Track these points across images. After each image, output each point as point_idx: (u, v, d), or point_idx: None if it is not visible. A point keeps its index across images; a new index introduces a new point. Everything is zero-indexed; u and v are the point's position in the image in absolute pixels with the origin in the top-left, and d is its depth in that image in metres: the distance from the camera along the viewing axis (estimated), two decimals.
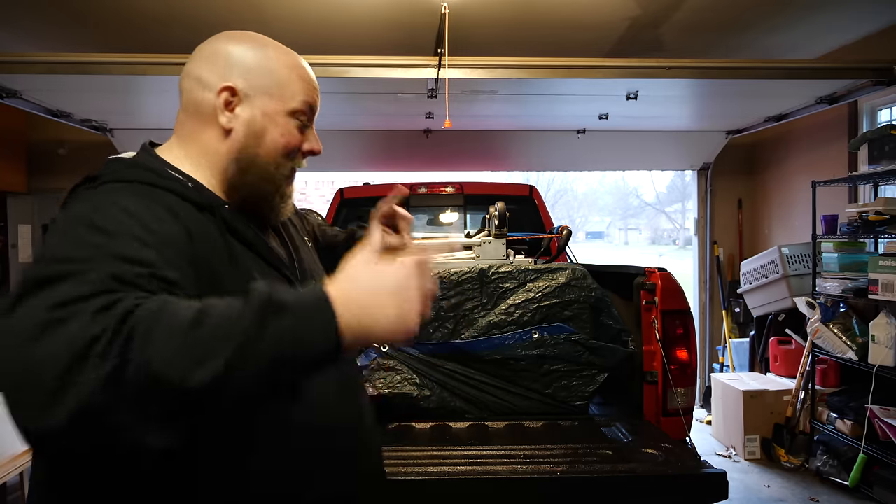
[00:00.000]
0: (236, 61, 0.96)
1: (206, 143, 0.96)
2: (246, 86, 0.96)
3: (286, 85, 0.98)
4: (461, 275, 2.39)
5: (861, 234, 3.63)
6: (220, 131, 0.96)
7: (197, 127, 0.97)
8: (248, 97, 0.96)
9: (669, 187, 26.16)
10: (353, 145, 5.15)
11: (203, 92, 0.96)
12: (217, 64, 0.96)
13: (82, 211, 0.84)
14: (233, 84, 0.95)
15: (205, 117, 0.96)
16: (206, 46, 0.99)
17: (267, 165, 0.98)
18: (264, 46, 0.99)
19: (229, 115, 0.95)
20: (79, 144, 5.23)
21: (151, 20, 3.77)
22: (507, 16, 3.72)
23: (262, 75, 0.97)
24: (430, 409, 2.25)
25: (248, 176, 0.97)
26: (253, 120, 0.96)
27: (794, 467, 3.98)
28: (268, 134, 0.97)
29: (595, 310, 2.37)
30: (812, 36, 4.14)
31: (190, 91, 0.97)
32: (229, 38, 0.99)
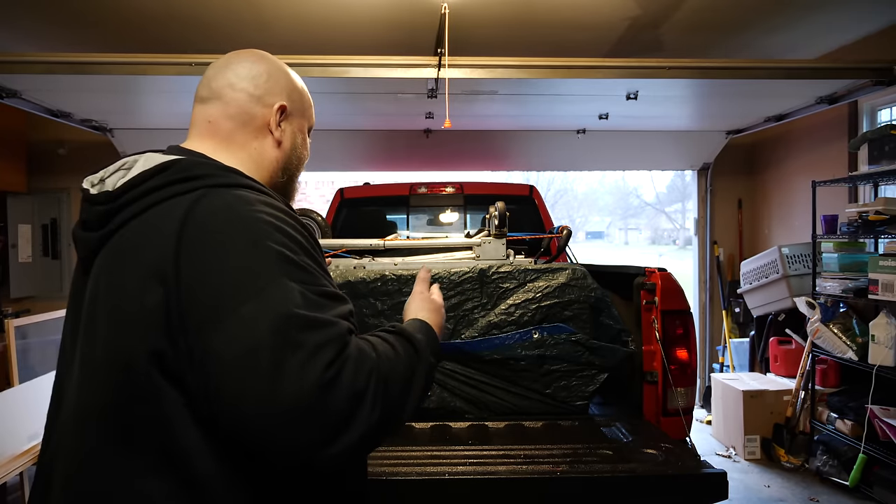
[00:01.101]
0: (284, 84, 1.10)
1: (260, 150, 1.07)
2: (291, 106, 1.10)
3: (309, 107, 1.17)
4: (461, 275, 2.39)
5: (861, 234, 3.63)
6: (273, 141, 1.08)
7: (248, 136, 1.07)
8: (291, 115, 1.11)
9: (669, 187, 26.17)
10: (353, 145, 5.15)
11: (258, 106, 1.06)
12: (270, 83, 1.08)
13: (271, 236, 0.89)
14: (285, 103, 1.09)
15: (257, 128, 1.07)
16: (247, 64, 1.08)
17: (298, 171, 1.16)
18: (289, 69, 1.14)
19: (279, 130, 1.09)
20: (79, 144, 5.23)
21: (150, 20, 3.77)
22: (507, 16, 3.72)
23: (299, 98, 1.13)
24: (429, 409, 2.25)
25: (291, 181, 1.15)
26: (294, 135, 1.12)
27: (794, 467, 3.98)
28: (301, 146, 1.15)
29: (595, 310, 2.37)
30: (812, 36, 4.14)
31: (240, 102, 1.06)
32: (267, 59, 1.11)
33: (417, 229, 4.57)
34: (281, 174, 1.11)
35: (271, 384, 0.77)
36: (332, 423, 0.79)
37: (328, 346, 0.81)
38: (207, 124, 1.07)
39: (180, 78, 3.36)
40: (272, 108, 1.07)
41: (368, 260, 2.67)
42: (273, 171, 1.09)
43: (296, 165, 1.14)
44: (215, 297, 0.82)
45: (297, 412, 0.77)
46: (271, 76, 1.09)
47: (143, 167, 0.98)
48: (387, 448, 1.95)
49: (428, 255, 2.86)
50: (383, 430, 0.85)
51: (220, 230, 0.86)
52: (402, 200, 4.51)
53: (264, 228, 0.87)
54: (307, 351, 0.79)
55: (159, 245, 0.86)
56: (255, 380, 0.77)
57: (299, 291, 0.84)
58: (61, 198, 5.30)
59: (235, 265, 0.84)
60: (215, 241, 0.85)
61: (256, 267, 0.84)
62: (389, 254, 2.91)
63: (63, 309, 1.03)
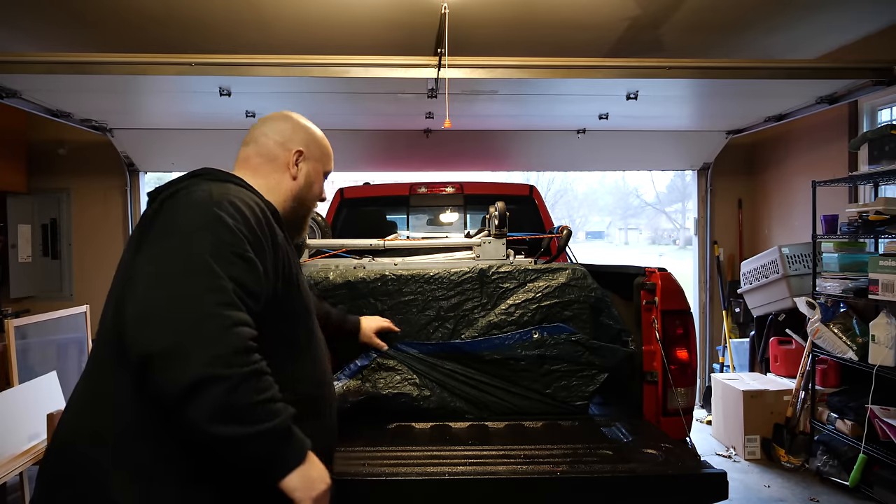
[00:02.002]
0: (304, 137, 1.53)
1: (278, 181, 1.48)
2: (307, 151, 1.52)
3: (326, 155, 1.59)
4: (461, 275, 2.39)
5: (861, 234, 3.62)
6: (289, 176, 1.49)
7: (271, 170, 1.48)
8: (307, 158, 1.52)
9: (669, 187, 26.16)
10: (353, 145, 5.15)
11: (280, 149, 1.49)
12: (291, 133, 1.51)
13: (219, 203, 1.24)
14: (301, 148, 1.50)
15: (278, 165, 1.49)
16: (280, 120, 1.52)
17: (309, 204, 1.56)
18: (314, 129, 1.57)
19: (295, 168, 1.50)
20: (79, 144, 5.23)
21: (150, 20, 3.77)
22: (507, 16, 3.72)
23: (317, 148, 1.55)
24: (430, 409, 2.25)
25: (299, 210, 1.53)
26: (308, 174, 1.52)
27: (794, 467, 3.98)
28: (314, 185, 1.55)
29: (595, 310, 2.36)
30: (812, 36, 4.14)
31: (269, 146, 1.49)
32: (297, 118, 1.55)
33: (417, 229, 4.57)
34: (292, 201, 1.49)
35: (160, 301, 1.10)
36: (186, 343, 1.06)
37: (219, 294, 1.12)
38: (244, 159, 1.49)
39: (180, 78, 3.36)
40: (291, 151, 1.49)
41: (368, 260, 2.67)
42: (286, 198, 1.49)
43: (305, 195, 1.52)
44: (154, 234, 1.19)
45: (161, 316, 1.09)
46: (294, 130, 1.52)
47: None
48: (387, 448, 1.95)
49: (428, 255, 2.86)
50: (209, 396, 1.06)
51: (184, 199, 1.23)
52: (401, 200, 4.51)
53: (223, 204, 1.21)
54: (202, 287, 1.11)
55: (155, 202, 1.27)
56: (140, 290, 1.12)
57: (212, 243, 1.15)
58: (61, 198, 5.30)
59: (182, 211, 1.21)
60: (177, 205, 1.23)
61: (194, 220, 1.18)
62: (389, 254, 2.91)
63: (63, 309, 1.17)
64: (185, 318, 1.08)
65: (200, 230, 1.16)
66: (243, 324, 1.13)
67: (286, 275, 1.32)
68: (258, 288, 1.20)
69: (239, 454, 1.10)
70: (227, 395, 1.06)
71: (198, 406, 1.06)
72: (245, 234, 1.21)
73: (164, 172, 5.70)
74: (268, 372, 1.15)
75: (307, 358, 1.39)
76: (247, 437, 1.08)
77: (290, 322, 1.34)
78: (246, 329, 1.13)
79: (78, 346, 3.70)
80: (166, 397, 1.07)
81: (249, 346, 1.12)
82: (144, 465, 1.15)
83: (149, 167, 5.29)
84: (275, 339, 1.28)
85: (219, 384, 1.06)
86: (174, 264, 1.13)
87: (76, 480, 1.16)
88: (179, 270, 1.12)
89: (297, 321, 1.37)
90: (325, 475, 1.21)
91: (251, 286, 1.18)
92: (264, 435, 1.09)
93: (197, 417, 1.06)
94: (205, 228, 1.17)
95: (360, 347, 2.26)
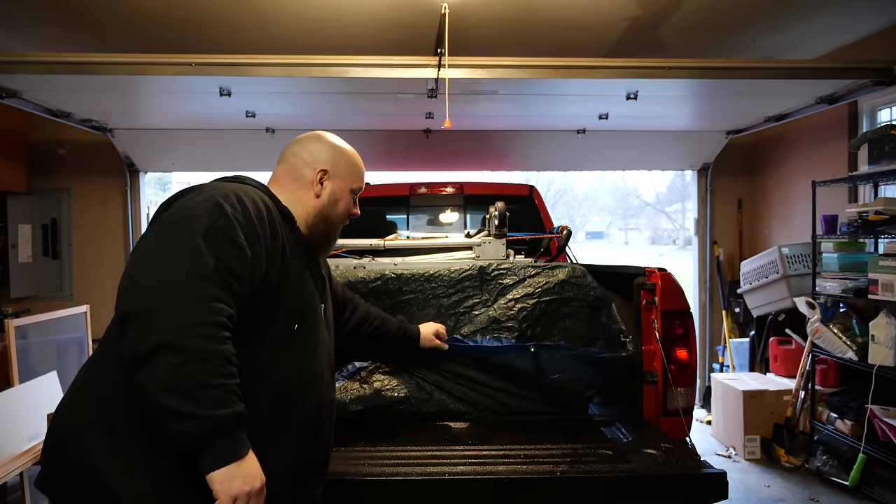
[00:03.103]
0: (330, 156, 1.56)
1: (301, 197, 1.53)
2: (332, 170, 1.55)
3: (354, 174, 1.60)
4: (461, 272, 2.39)
5: (861, 234, 3.62)
6: (313, 194, 1.53)
7: (296, 186, 1.53)
8: (332, 177, 1.55)
9: (669, 187, 26.15)
10: (353, 145, 5.08)
11: (306, 168, 1.54)
12: (316, 153, 1.56)
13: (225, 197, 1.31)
14: (326, 167, 1.54)
15: (304, 183, 1.53)
16: (308, 140, 1.58)
17: (334, 220, 1.57)
18: (344, 147, 1.60)
19: (319, 186, 1.53)
20: (79, 144, 5.22)
21: (150, 20, 3.77)
22: (507, 16, 3.72)
23: (342, 166, 1.57)
24: (429, 411, 2.25)
25: (323, 225, 1.55)
26: (333, 192, 1.55)
27: (794, 467, 3.98)
28: (340, 202, 1.57)
29: (594, 308, 2.36)
30: (812, 36, 4.14)
31: (296, 165, 1.54)
32: (324, 139, 1.59)
33: (417, 229, 4.57)
34: (315, 216, 1.53)
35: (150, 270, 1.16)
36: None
37: (200, 268, 1.16)
38: (275, 177, 1.56)
39: (180, 78, 3.36)
40: (316, 170, 1.53)
41: (368, 260, 2.67)
42: (309, 213, 1.52)
43: (330, 213, 1.55)
44: (160, 219, 1.27)
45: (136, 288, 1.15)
46: (321, 150, 1.56)
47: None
48: (387, 448, 1.96)
49: (428, 255, 2.86)
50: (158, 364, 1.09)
51: (197, 191, 1.32)
52: (402, 200, 4.51)
53: (228, 196, 1.28)
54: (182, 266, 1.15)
55: (164, 202, 1.36)
56: (132, 260, 1.20)
57: (206, 226, 1.20)
58: (61, 198, 5.30)
59: (189, 198, 1.29)
60: (188, 195, 1.31)
61: (196, 208, 1.24)
62: (389, 254, 2.91)
63: (63, 309, 1.20)
64: (161, 283, 1.13)
65: (198, 216, 1.22)
66: (218, 300, 1.15)
67: (281, 272, 1.34)
68: (243, 272, 1.22)
69: (171, 429, 1.10)
70: (179, 367, 1.08)
71: (151, 369, 1.08)
72: (241, 222, 1.25)
73: (165, 172, 5.71)
74: (232, 360, 1.15)
75: (296, 355, 1.39)
76: (183, 415, 1.08)
77: (281, 317, 1.35)
78: (219, 305, 1.15)
79: (78, 346, 3.70)
80: (127, 356, 1.11)
81: (219, 321, 1.14)
82: (136, 453, 1.19)
83: (149, 167, 5.29)
84: (261, 330, 1.31)
85: (174, 353, 1.08)
86: (166, 240, 1.20)
87: (71, 469, 1.21)
88: (168, 244, 1.19)
89: (290, 318, 1.37)
90: (255, 479, 1.17)
91: (237, 269, 1.21)
92: (202, 419, 1.09)
93: (146, 380, 1.09)
94: (203, 214, 1.23)
95: (420, 353, 2.24)
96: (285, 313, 1.36)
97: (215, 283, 1.16)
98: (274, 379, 1.32)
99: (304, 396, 1.40)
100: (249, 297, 1.26)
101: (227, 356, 1.14)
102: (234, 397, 1.14)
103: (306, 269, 1.47)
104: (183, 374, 1.08)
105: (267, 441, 1.28)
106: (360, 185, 1.62)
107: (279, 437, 1.33)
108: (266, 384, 1.30)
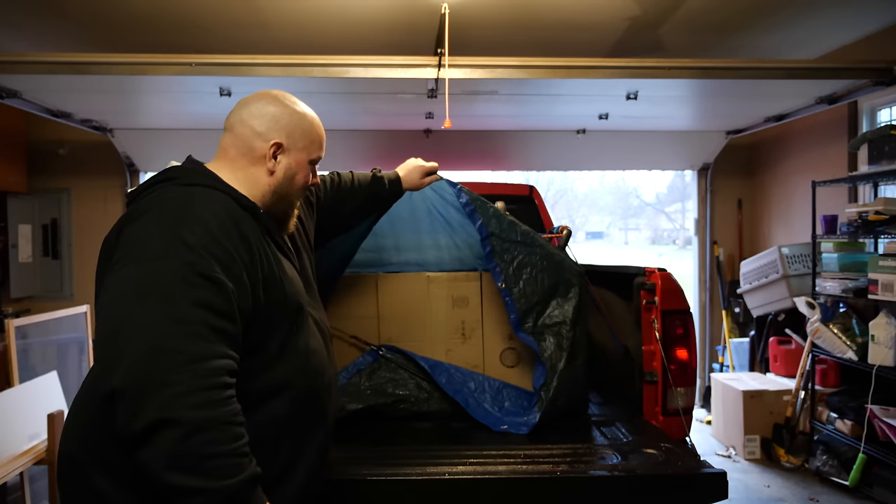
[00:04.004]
0: (284, 123, 1.36)
1: (254, 175, 1.35)
2: (287, 142, 1.37)
3: (312, 142, 1.41)
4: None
5: (861, 234, 3.62)
6: (265, 170, 1.36)
7: (246, 162, 1.35)
8: (288, 150, 1.37)
9: (669, 187, 26.13)
10: (353, 145, 5.15)
11: (257, 140, 1.34)
12: (269, 121, 1.35)
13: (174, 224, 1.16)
14: (280, 140, 1.35)
15: (255, 158, 1.35)
16: (257, 103, 1.37)
17: (292, 197, 1.41)
18: (300, 112, 1.40)
19: (273, 162, 1.36)
20: (79, 144, 5.22)
21: (147, 20, 3.76)
22: (507, 16, 3.72)
23: (298, 136, 1.38)
24: (429, 411, 2.25)
25: (280, 203, 1.39)
26: (289, 167, 1.38)
27: (794, 467, 3.98)
28: (296, 176, 1.40)
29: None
30: (812, 36, 4.14)
31: (245, 136, 1.35)
32: (276, 101, 1.38)
33: None
34: (271, 196, 1.36)
35: (118, 325, 1.07)
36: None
37: (180, 325, 1.06)
38: (223, 149, 1.37)
39: (180, 78, 3.36)
40: (269, 143, 1.34)
41: None
42: (264, 193, 1.36)
43: (287, 190, 1.38)
44: (120, 254, 1.14)
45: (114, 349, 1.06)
46: (275, 118, 1.36)
47: (153, 174, 1.32)
48: (387, 448, 1.96)
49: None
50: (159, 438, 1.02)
51: (144, 221, 1.16)
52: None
53: (185, 220, 1.15)
54: (159, 316, 1.06)
55: (118, 222, 1.22)
56: (101, 324, 1.09)
57: (175, 269, 1.08)
58: (61, 198, 5.29)
59: (141, 234, 1.14)
60: (135, 230, 1.16)
61: (154, 245, 1.11)
62: None
63: (63, 309, 1.19)
64: (144, 354, 1.03)
65: (161, 257, 1.10)
66: (209, 356, 1.06)
67: (266, 278, 1.25)
68: (229, 307, 1.12)
69: None
70: (179, 442, 1.01)
71: (150, 447, 1.02)
72: (209, 249, 1.13)
73: None
74: (234, 419, 1.08)
75: (299, 356, 1.33)
76: (191, 491, 1.01)
77: (276, 326, 1.28)
78: (213, 363, 1.06)
79: (78, 346, 3.69)
80: (123, 435, 1.04)
81: (214, 383, 1.06)
82: (140, 489, 1.14)
83: (149, 167, 5.29)
84: (263, 346, 1.25)
85: (171, 428, 1.01)
86: (136, 296, 1.08)
87: (69, 478, 1.22)
88: (139, 301, 1.07)
89: (284, 323, 1.30)
90: None
91: (221, 307, 1.11)
92: (212, 492, 1.02)
93: (148, 459, 1.02)
94: (165, 254, 1.10)
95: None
96: (279, 320, 1.28)
97: (203, 336, 1.07)
98: (286, 389, 1.28)
99: (316, 393, 1.36)
100: (244, 321, 1.18)
101: (227, 419, 1.06)
102: (243, 460, 1.07)
103: (281, 255, 1.36)
104: (184, 449, 1.01)
105: (296, 449, 1.29)
106: (320, 155, 1.45)
107: (304, 440, 1.32)
108: (280, 397, 1.26)
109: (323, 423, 1.39)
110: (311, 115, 1.42)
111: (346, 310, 2.39)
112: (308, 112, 1.42)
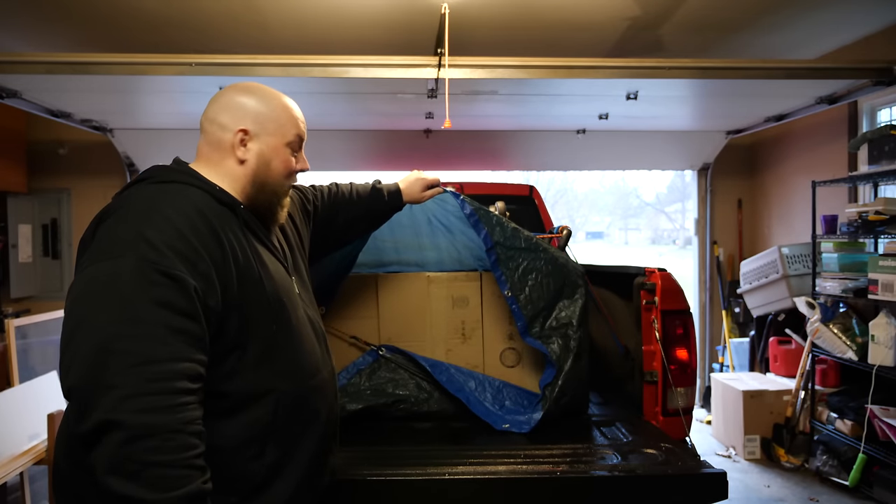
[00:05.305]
0: (248, 110, 1.32)
1: (228, 168, 1.31)
2: (255, 128, 1.31)
3: (282, 124, 1.35)
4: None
5: (861, 234, 3.62)
6: (236, 161, 1.31)
7: (219, 157, 1.31)
8: (256, 136, 1.32)
9: (669, 187, 26.15)
10: (354, 145, 5.15)
11: (223, 133, 1.31)
12: (233, 111, 1.31)
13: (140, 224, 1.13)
14: (245, 127, 1.30)
15: (225, 151, 1.31)
16: (221, 97, 1.34)
17: (274, 185, 1.35)
18: (265, 96, 1.34)
19: (243, 149, 1.31)
20: (79, 144, 5.22)
21: (147, 20, 3.76)
22: (507, 16, 3.72)
23: (265, 120, 1.32)
24: (429, 411, 2.25)
25: (262, 194, 1.34)
26: (261, 154, 1.32)
27: (794, 467, 3.98)
28: (272, 162, 1.34)
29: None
30: (812, 36, 4.14)
31: (212, 132, 1.32)
32: (239, 91, 1.34)
33: None
34: (251, 187, 1.32)
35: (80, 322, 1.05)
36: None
37: (135, 325, 1.03)
38: (199, 151, 1.35)
39: (180, 78, 3.35)
40: (234, 132, 1.30)
41: None
42: (244, 185, 1.32)
43: (265, 178, 1.33)
44: (87, 254, 1.12)
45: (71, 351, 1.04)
46: (240, 106, 1.32)
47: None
48: (387, 448, 1.96)
49: None
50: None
51: (119, 208, 1.16)
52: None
53: (153, 218, 1.12)
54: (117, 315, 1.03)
55: (92, 221, 1.20)
56: (65, 321, 1.07)
57: (134, 268, 1.05)
58: (61, 198, 5.30)
59: (108, 233, 1.12)
60: (109, 216, 1.15)
61: (119, 243, 1.09)
62: None
63: (63, 309, 1.17)
64: (96, 353, 1.01)
65: (121, 255, 1.07)
66: (164, 359, 1.02)
67: (241, 274, 1.20)
68: (192, 306, 1.08)
69: None
70: (121, 447, 0.97)
71: (95, 449, 0.99)
72: (175, 248, 1.09)
73: None
74: (186, 428, 1.02)
75: (284, 356, 1.28)
76: (129, 499, 0.97)
77: (257, 324, 1.23)
78: (167, 366, 1.02)
79: None
80: (75, 435, 1.02)
81: (165, 388, 1.01)
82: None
83: None
84: (241, 346, 1.20)
85: (115, 431, 0.97)
86: (94, 296, 1.05)
87: (57, 488, 1.21)
88: (96, 301, 1.05)
89: (266, 322, 1.25)
90: None
91: (183, 306, 1.07)
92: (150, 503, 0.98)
93: (94, 463, 0.99)
94: (125, 252, 1.07)
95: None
96: (261, 318, 1.24)
97: (158, 338, 1.03)
98: (270, 390, 1.24)
99: (306, 395, 1.32)
100: (216, 320, 1.14)
101: (176, 427, 1.00)
102: (191, 472, 1.02)
103: (265, 250, 1.31)
104: (127, 454, 0.97)
105: (285, 451, 1.26)
106: (298, 135, 1.37)
107: (294, 443, 1.29)
108: (264, 398, 1.23)
109: (315, 426, 1.34)
110: (279, 97, 1.36)
111: (346, 310, 2.40)
112: (276, 95, 1.36)
